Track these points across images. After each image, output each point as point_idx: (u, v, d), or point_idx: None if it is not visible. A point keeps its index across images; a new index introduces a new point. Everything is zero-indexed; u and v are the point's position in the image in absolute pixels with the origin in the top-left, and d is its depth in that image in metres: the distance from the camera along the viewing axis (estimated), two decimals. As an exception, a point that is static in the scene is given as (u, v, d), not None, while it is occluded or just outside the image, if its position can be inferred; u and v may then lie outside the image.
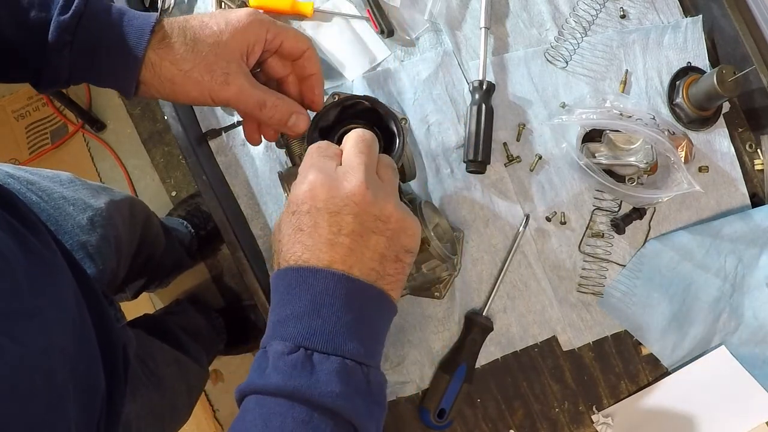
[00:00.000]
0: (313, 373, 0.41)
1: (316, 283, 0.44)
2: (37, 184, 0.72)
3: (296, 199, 0.46)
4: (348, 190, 0.45)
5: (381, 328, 0.48)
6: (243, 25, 0.51)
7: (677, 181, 0.71)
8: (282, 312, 0.45)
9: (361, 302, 0.45)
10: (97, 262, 0.72)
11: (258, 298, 0.67)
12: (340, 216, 0.45)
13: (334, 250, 0.45)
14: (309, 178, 0.46)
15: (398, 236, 0.47)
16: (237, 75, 0.51)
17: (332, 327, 0.43)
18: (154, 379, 0.74)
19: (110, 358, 0.58)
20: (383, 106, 0.60)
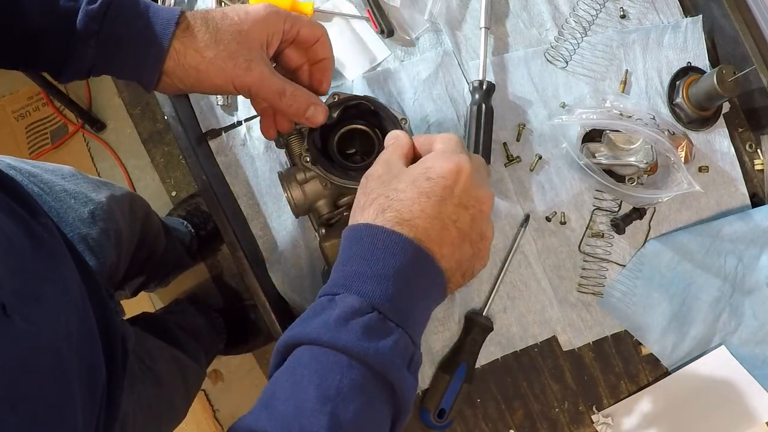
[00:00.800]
0: (381, 340, 0.41)
1: (405, 254, 0.44)
2: (39, 176, 0.72)
3: (440, 170, 0.47)
4: (482, 196, 0.48)
5: (430, 313, 0.50)
6: (262, 16, 0.52)
7: (677, 181, 0.71)
8: (363, 267, 0.44)
9: (430, 288, 0.47)
10: (97, 255, 0.73)
11: (258, 298, 0.67)
12: (465, 210, 0.47)
13: (441, 232, 0.46)
14: (461, 160, 0.48)
15: (478, 257, 0.50)
16: (258, 62, 0.52)
17: (406, 300, 0.44)
18: (151, 375, 0.74)
19: (110, 348, 0.59)
20: (383, 106, 0.60)
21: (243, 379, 1.47)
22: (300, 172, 0.60)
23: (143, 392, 0.70)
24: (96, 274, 0.62)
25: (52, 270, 0.51)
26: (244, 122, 0.73)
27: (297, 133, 0.62)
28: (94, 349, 0.54)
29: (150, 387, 0.72)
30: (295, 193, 0.60)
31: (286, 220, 0.72)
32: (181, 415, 0.87)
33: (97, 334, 0.56)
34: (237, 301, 1.51)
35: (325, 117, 0.56)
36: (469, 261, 0.49)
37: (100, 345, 0.56)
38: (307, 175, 0.60)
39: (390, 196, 0.47)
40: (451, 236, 0.47)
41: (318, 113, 0.56)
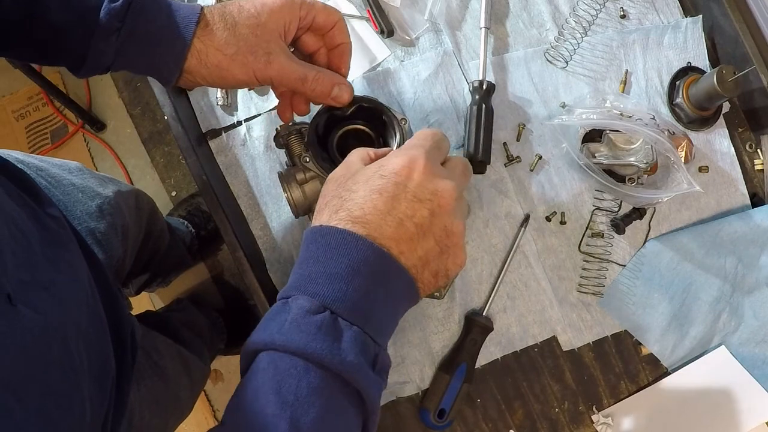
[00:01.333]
0: (335, 339, 0.40)
1: (358, 251, 0.43)
2: (47, 170, 0.73)
3: (392, 166, 0.47)
4: (440, 189, 0.46)
5: (399, 314, 0.48)
6: (278, 5, 0.53)
7: (677, 181, 0.71)
8: (315, 268, 0.44)
9: (393, 285, 0.45)
10: (105, 249, 0.73)
11: (258, 298, 0.67)
12: (421, 204, 0.46)
13: (396, 229, 0.45)
14: (413, 154, 0.47)
15: (449, 255, 0.47)
16: (278, 54, 0.53)
17: (361, 298, 0.43)
18: (158, 370, 0.74)
19: (120, 340, 0.59)
20: (383, 106, 0.60)
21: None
22: (300, 172, 0.60)
23: (150, 387, 0.70)
24: (104, 267, 0.62)
25: (60, 259, 0.51)
26: (244, 122, 0.74)
27: (297, 133, 0.62)
28: (104, 340, 0.54)
29: (157, 382, 0.73)
30: (295, 193, 0.60)
31: (286, 220, 0.72)
32: (186, 411, 0.88)
33: (107, 325, 0.56)
34: (237, 300, 1.51)
35: (350, 95, 0.57)
36: (437, 259, 0.47)
37: (110, 336, 0.56)
38: (307, 175, 0.60)
39: (343, 196, 0.46)
40: (408, 232, 0.45)
41: (343, 92, 0.56)
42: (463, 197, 0.50)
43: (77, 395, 0.45)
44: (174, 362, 0.83)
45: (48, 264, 0.48)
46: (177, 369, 0.83)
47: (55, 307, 0.45)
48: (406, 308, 0.48)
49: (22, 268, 0.43)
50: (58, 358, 0.43)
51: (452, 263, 0.48)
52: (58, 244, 0.53)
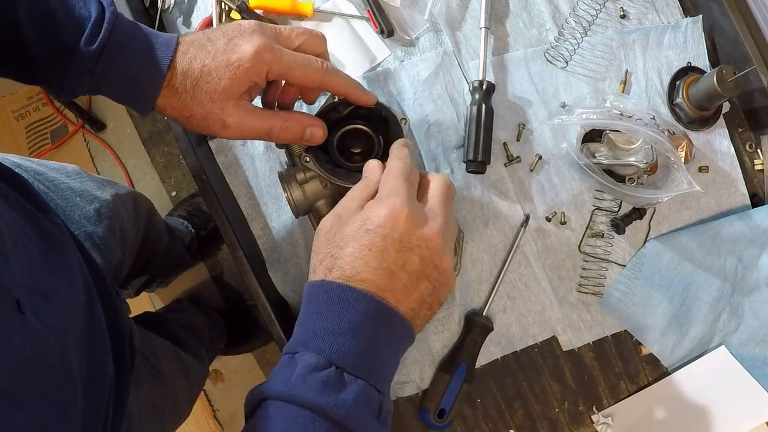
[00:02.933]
0: (341, 392, 0.42)
1: (360, 306, 0.45)
2: (44, 174, 0.73)
3: (376, 219, 0.47)
4: (427, 234, 0.48)
5: (399, 358, 0.50)
6: (243, 69, 0.50)
7: (677, 181, 0.71)
8: (318, 324, 0.46)
9: (394, 335, 0.47)
10: (103, 253, 0.73)
11: (258, 298, 0.67)
12: (410, 253, 0.47)
13: (391, 280, 0.46)
14: (394, 204, 0.48)
15: (442, 288, 0.50)
16: (235, 116, 0.52)
17: (365, 351, 0.45)
18: (156, 373, 0.74)
19: (118, 345, 0.59)
20: (383, 106, 0.60)
21: (243, 379, 1.47)
22: (300, 172, 0.60)
23: (148, 391, 0.70)
24: (103, 271, 0.62)
25: (61, 266, 0.51)
26: (244, 122, 0.73)
27: None
28: (102, 345, 0.55)
29: (155, 386, 0.73)
30: (295, 193, 0.60)
31: (286, 220, 0.72)
32: (184, 415, 0.88)
33: (106, 330, 0.56)
34: (237, 301, 1.51)
35: (323, 135, 0.57)
36: (431, 295, 0.49)
37: (109, 342, 0.56)
38: (307, 175, 0.60)
39: (334, 254, 0.48)
40: (402, 282, 0.47)
41: (315, 134, 0.56)
42: (449, 224, 0.51)
43: (73, 404, 0.45)
44: (171, 365, 0.82)
45: (48, 271, 0.48)
46: (175, 372, 0.83)
47: (55, 315, 0.45)
48: (406, 347, 0.50)
49: (25, 275, 0.43)
50: (56, 367, 0.43)
51: (443, 293, 0.50)
52: (57, 250, 0.53)
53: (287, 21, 0.76)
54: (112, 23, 0.49)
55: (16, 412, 0.36)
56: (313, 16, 0.75)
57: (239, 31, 0.51)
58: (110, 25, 0.49)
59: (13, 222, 0.47)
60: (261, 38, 0.50)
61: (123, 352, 0.61)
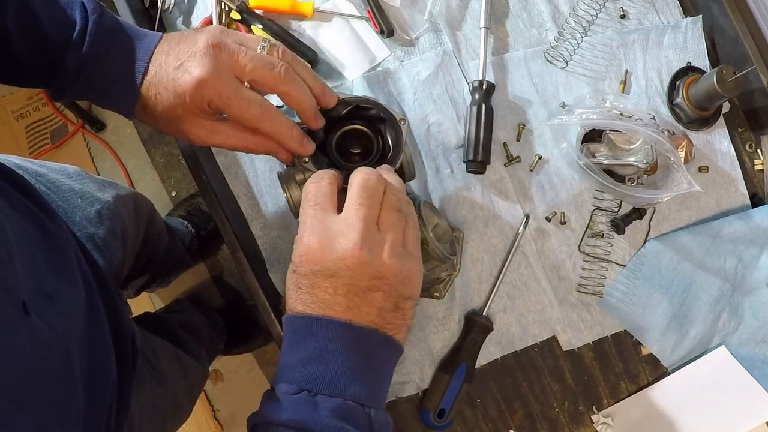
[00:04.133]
0: (316, 409, 0.44)
1: (319, 332, 0.47)
2: (46, 176, 0.73)
3: (295, 260, 0.49)
4: (342, 253, 0.47)
5: (385, 368, 0.50)
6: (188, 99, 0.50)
7: (677, 181, 0.71)
8: (290, 357, 0.48)
9: (363, 348, 0.48)
10: (104, 255, 0.73)
11: (258, 298, 0.67)
12: (336, 279, 0.47)
13: (331, 308, 0.47)
14: (304, 240, 0.48)
15: (395, 288, 0.48)
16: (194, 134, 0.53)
17: (334, 373, 0.46)
18: (156, 374, 0.74)
19: (120, 346, 0.59)
20: (382, 107, 0.60)
21: (243, 379, 1.47)
22: (299, 173, 0.59)
23: (149, 392, 0.70)
24: (104, 272, 0.62)
25: (63, 268, 0.51)
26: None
27: None
28: (104, 347, 0.55)
29: (156, 387, 0.72)
30: (294, 193, 0.60)
31: (286, 220, 0.72)
32: (185, 415, 0.87)
33: (108, 332, 0.56)
34: (237, 301, 1.50)
35: (287, 160, 0.57)
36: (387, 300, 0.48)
37: (111, 343, 0.56)
38: (307, 175, 0.59)
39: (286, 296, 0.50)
40: (342, 305, 0.47)
41: (279, 158, 0.57)
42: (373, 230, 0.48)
43: (74, 406, 0.45)
44: (172, 365, 0.82)
45: (51, 273, 0.48)
46: (175, 372, 0.83)
47: (59, 317, 0.45)
48: (392, 360, 0.51)
49: (29, 276, 0.43)
50: (59, 369, 0.43)
51: (404, 289, 0.49)
52: (60, 251, 0.53)
53: (287, 21, 0.76)
54: (93, 35, 0.50)
55: (19, 414, 0.36)
56: (313, 16, 0.75)
57: (190, 53, 0.50)
58: (92, 37, 0.50)
59: (17, 223, 0.47)
60: (207, 67, 0.49)
61: (125, 354, 0.61)
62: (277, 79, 0.51)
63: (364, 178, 0.50)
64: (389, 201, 0.50)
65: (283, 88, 0.52)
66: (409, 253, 0.50)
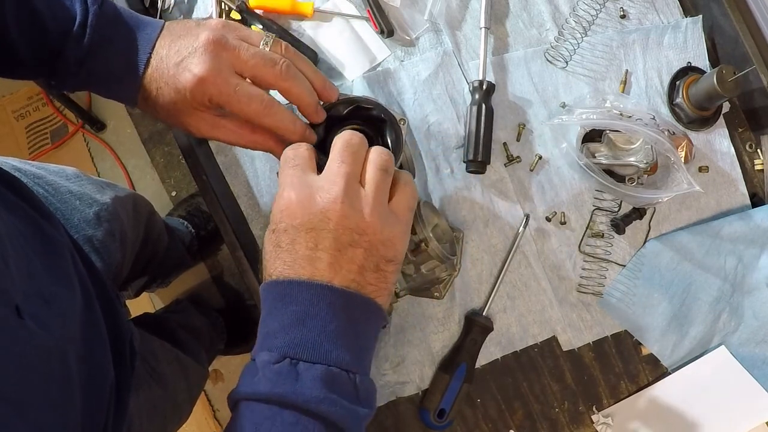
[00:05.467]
0: (298, 380, 0.43)
1: (300, 295, 0.45)
2: (44, 178, 0.72)
3: (274, 217, 0.48)
4: (323, 206, 0.46)
5: (369, 334, 0.49)
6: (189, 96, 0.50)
7: (677, 181, 0.71)
8: (270, 324, 0.46)
9: (345, 311, 0.46)
10: (103, 256, 0.73)
11: (258, 298, 0.67)
12: (316, 232, 0.46)
13: (312, 265, 0.46)
14: (284, 195, 0.48)
15: (376, 247, 0.48)
16: (194, 126, 0.53)
17: (316, 337, 0.45)
18: (156, 376, 0.74)
19: (118, 349, 0.59)
20: (381, 107, 0.60)
21: (243, 379, 1.47)
22: (300, 173, 0.59)
23: (148, 393, 0.70)
24: (102, 275, 0.62)
25: (60, 271, 0.51)
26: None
27: None
28: (102, 350, 0.54)
29: (155, 388, 0.72)
30: (295, 193, 0.60)
31: (286, 220, 0.72)
32: (184, 416, 0.87)
33: (106, 335, 0.56)
34: (237, 301, 1.50)
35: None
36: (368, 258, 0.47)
37: (109, 346, 0.56)
38: (307, 175, 0.60)
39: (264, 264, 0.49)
40: (324, 261, 0.46)
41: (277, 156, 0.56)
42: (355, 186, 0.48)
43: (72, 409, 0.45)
44: (171, 366, 0.82)
45: (48, 276, 0.48)
46: (175, 374, 0.83)
47: (56, 321, 0.45)
48: (374, 323, 0.49)
49: (24, 280, 0.43)
50: (57, 373, 0.43)
51: (385, 249, 0.48)
52: (57, 254, 0.53)
53: (287, 21, 0.76)
54: (94, 26, 0.50)
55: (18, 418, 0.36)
56: (313, 16, 0.75)
57: (191, 50, 0.50)
58: (92, 28, 0.50)
59: (13, 226, 0.47)
60: (209, 63, 0.49)
61: (123, 356, 0.61)
62: (278, 76, 0.52)
63: (346, 138, 0.50)
64: (374, 160, 0.50)
65: (284, 84, 0.52)
66: (394, 214, 0.50)
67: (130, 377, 0.62)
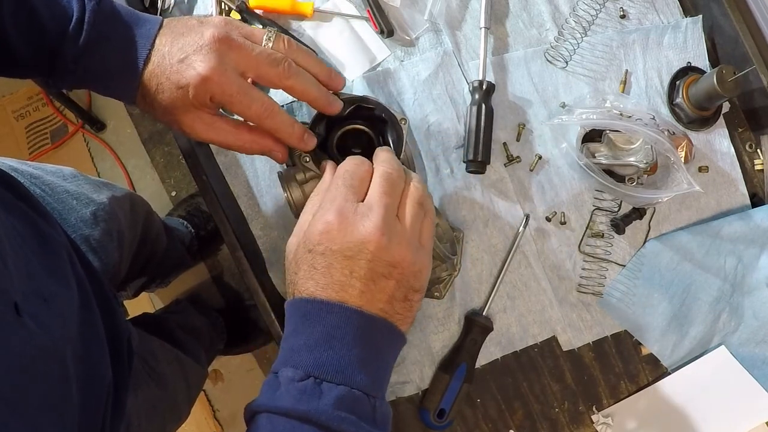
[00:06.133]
0: (321, 399, 0.43)
1: (329, 317, 0.46)
2: (41, 178, 0.73)
3: (313, 238, 0.48)
4: (363, 236, 0.47)
5: (389, 360, 0.50)
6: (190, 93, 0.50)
7: (677, 181, 0.71)
8: (296, 341, 0.47)
9: (370, 336, 0.47)
10: (100, 256, 0.73)
11: (258, 298, 0.67)
12: (354, 261, 0.47)
13: (345, 291, 0.47)
14: (326, 218, 0.48)
15: (407, 279, 0.49)
16: (190, 126, 0.53)
17: (341, 359, 0.45)
18: (155, 375, 0.74)
19: (116, 349, 0.59)
20: (382, 107, 0.60)
21: (243, 379, 1.47)
22: (300, 172, 0.60)
23: (147, 393, 0.70)
24: (100, 275, 0.62)
25: (58, 270, 0.51)
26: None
27: None
28: (99, 350, 0.54)
29: (154, 388, 0.72)
30: (295, 193, 0.60)
31: (286, 220, 0.72)
32: (183, 416, 0.88)
33: (103, 334, 0.56)
34: (237, 301, 1.51)
35: (282, 159, 0.57)
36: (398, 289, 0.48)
37: (106, 345, 0.56)
38: (307, 175, 0.60)
39: (293, 279, 0.49)
40: (357, 289, 0.47)
41: (274, 157, 0.57)
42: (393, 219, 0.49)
43: (69, 409, 0.45)
44: (171, 366, 0.82)
45: (46, 275, 0.48)
46: (174, 374, 0.83)
47: (54, 320, 0.45)
48: (395, 350, 0.51)
49: (23, 278, 0.43)
50: (54, 372, 0.43)
51: (415, 281, 0.49)
52: (55, 254, 0.53)
53: (287, 21, 0.76)
54: (91, 23, 0.50)
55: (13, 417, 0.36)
56: (313, 16, 0.75)
57: (196, 47, 0.50)
58: (90, 25, 0.50)
59: (11, 226, 0.47)
60: (212, 62, 0.49)
61: (121, 356, 0.61)
62: (282, 75, 0.52)
63: (388, 171, 0.51)
64: (412, 194, 0.51)
65: (287, 83, 0.53)
66: (423, 246, 0.51)
67: (128, 377, 0.62)
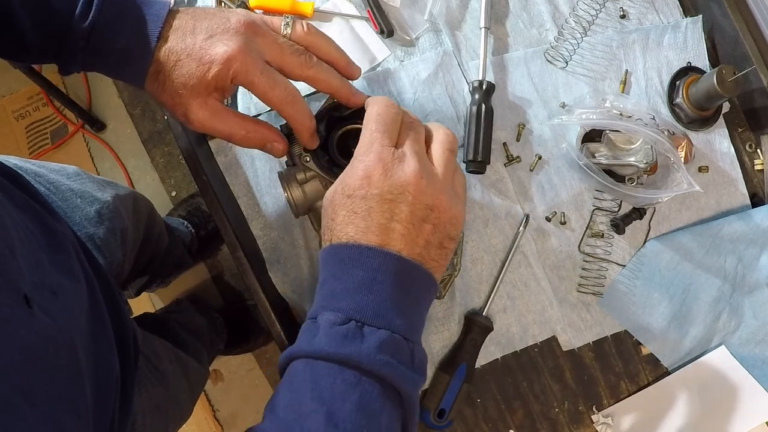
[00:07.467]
0: (363, 342, 0.43)
1: (369, 261, 0.46)
2: (45, 176, 0.73)
3: (353, 183, 0.48)
4: (404, 179, 0.47)
5: (424, 306, 0.50)
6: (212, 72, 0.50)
7: (677, 181, 0.71)
8: (335, 285, 0.47)
9: (409, 281, 0.47)
10: (104, 254, 0.73)
11: (258, 298, 0.67)
12: (394, 203, 0.47)
13: (386, 234, 0.47)
14: (366, 162, 0.48)
15: (444, 224, 0.49)
16: (196, 114, 0.52)
17: (382, 303, 0.45)
18: (158, 374, 0.74)
19: (123, 345, 0.59)
20: None
21: (243, 379, 1.48)
22: (300, 172, 0.60)
23: (151, 392, 0.70)
24: (106, 271, 0.63)
25: (66, 265, 0.51)
26: (244, 122, 0.73)
27: None
28: (107, 344, 0.55)
29: (157, 387, 0.73)
30: (295, 193, 0.60)
31: (286, 220, 0.72)
32: (186, 415, 0.88)
33: (111, 328, 0.56)
34: (237, 301, 1.51)
35: (283, 151, 0.57)
36: (435, 234, 0.49)
37: (114, 340, 0.56)
38: (307, 175, 0.60)
39: (330, 225, 0.49)
40: (398, 232, 0.47)
41: (274, 149, 0.56)
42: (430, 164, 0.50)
43: (82, 400, 0.45)
44: (173, 366, 0.83)
45: (54, 269, 0.48)
46: (176, 373, 0.83)
47: (62, 311, 0.45)
48: (430, 297, 0.50)
49: (32, 271, 0.43)
50: (65, 362, 0.43)
51: (451, 228, 0.50)
52: (62, 249, 0.53)
53: (287, 21, 0.76)
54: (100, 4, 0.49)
55: (28, 406, 0.36)
56: (313, 16, 0.75)
57: (223, 28, 0.50)
58: (100, 2, 0.49)
59: (18, 219, 0.47)
60: (239, 43, 0.49)
61: (128, 353, 0.61)
62: (304, 64, 0.52)
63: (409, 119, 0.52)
64: (443, 141, 0.52)
65: (310, 72, 0.53)
66: (457, 194, 0.51)
67: (134, 374, 0.62)
